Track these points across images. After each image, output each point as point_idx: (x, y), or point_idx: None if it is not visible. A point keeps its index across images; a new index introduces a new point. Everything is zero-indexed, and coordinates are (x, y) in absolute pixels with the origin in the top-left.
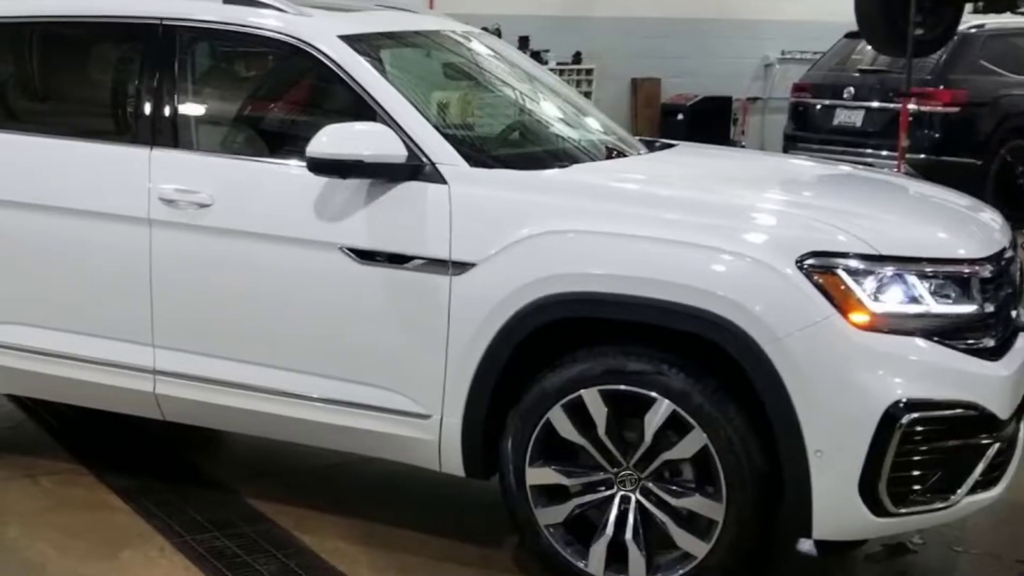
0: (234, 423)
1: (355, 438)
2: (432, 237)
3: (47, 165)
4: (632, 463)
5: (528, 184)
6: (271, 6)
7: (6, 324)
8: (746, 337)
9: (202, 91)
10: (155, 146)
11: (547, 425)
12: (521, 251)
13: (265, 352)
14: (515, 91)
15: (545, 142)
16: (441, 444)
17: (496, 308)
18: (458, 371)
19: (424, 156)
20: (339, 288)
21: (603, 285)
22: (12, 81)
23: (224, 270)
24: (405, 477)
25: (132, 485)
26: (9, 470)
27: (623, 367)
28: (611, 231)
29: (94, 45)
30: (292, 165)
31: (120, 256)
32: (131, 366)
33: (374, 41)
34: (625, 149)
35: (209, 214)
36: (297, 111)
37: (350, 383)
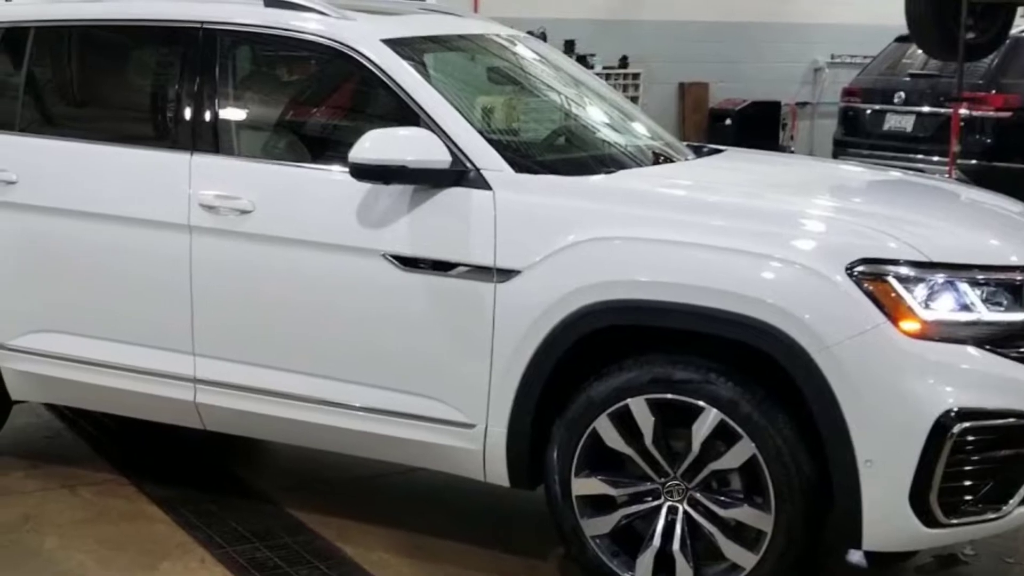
0: (275, 432)
1: (398, 448)
2: (476, 244)
3: (86, 171)
4: (679, 473)
5: (574, 190)
6: (313, 9)
7: (44, 332)
8: (795, 345)
9: (243, 96)
10: (195, 151)
11: (593, 434)
12: (567, 258)
13: (307, 360)
14: (560, 96)
15: (591, 147)
16: (486, 454)
17: (541, 316)
18: (503, 380)
19: (468, 162)
20: (382, 295)
21: (650, 292)
22: (50, 86)
23: (265, 277)
24: (449, 487)
25: (172, 495)
26: (48, 481)
27: (670, 376)
28: (658, 238)
29: (134, 49)
30: (334, 171)
31: (160, 263)
32: (171, 375)
33: (417, 45)
34: (672, 155)
35: (250, 220)
36: (339, 116)
37: (393, 392)
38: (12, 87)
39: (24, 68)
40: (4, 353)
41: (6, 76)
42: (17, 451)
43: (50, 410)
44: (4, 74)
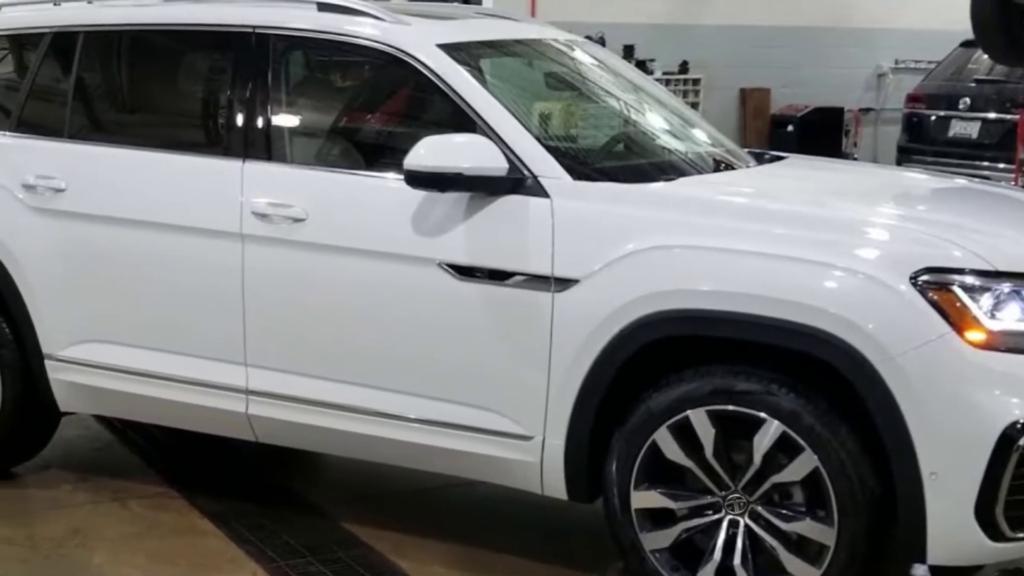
0: (329, 444)
1: (454, 460)
2: (534, 252)
3: (136, 178)
4: (740, 486)
5: (633, 198)
6: (368, 14)
7: (94, 342)
8: (858, 356)
9: (296, 102)
10: (248, 158)
11: (653, 447)
12: (626, 267)
13: (361, 371)
14: (619, 102)
15: (650, 154)
16: (543, 466)
17: (600, 326)
18: (561, 391)
19: (526, 169)
20: (437, 305)
21: (711, 302)
22: (100, 92)
23: (319, 286)
24: (506, 500)
25: (224, 509)
26: (97, 493)
27: (731, 387)
28: (719, 246)
29: (185, 54)
30: (389, 178)
31: (211, 272)
32: (223, 386)
33: (474, 50)
34: (733, 161)
35: (303, 229)
36: (394, 122)
37: (448, 403)
38: (61, 93)
39: (73, 74)
40: (53, 364)
41: (54, 82)
42: (66, 463)
43: (99, 422)
44: (52, 80)
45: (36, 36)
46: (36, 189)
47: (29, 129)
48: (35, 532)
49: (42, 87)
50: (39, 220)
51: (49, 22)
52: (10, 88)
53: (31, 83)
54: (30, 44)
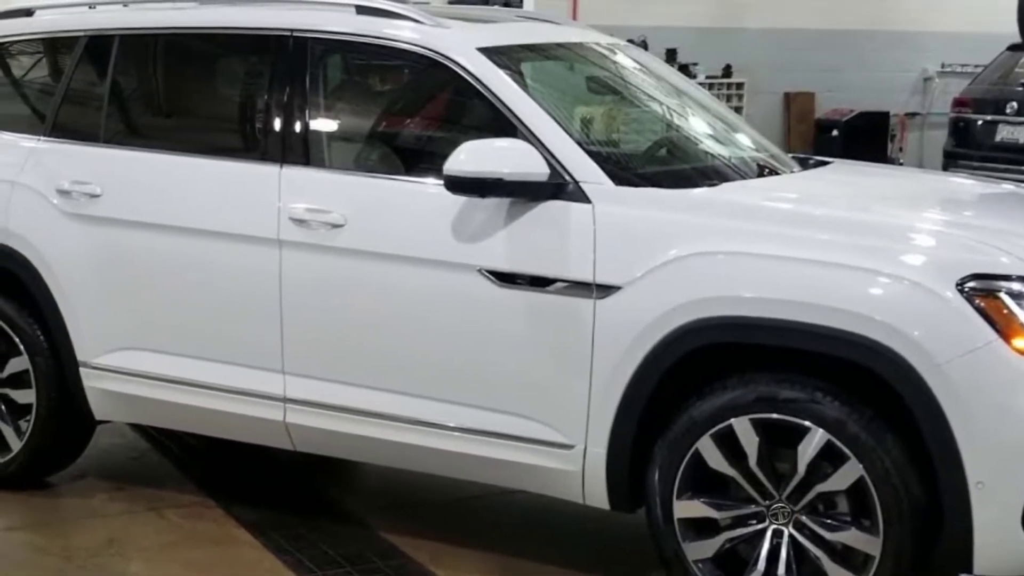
0: (367, 453)
1: (493, 469)
2: (575, 259)
3: (172, 183)
4: (785, 495)
5: (676, 203)
6: (407, 17)
7: (130, 350)
8: (904, 363)
9: (334, 106)
10: (285, 163)
11: (696, 456)
12: (669, 273)
13: (400, 379)
14: (662, 106)
15: (693, 159)
16: (585, 475)
17: (643, 333)
18: (603, 399)
19: (567, 174)
20: (477, 312)
21: (754, 309)
22: (136, 96)
23: (357, 293)
24: (546, 510)
25: (261, 518)
26: (133, 503)
27: (776, 395)
28: (763, 253)
29: (221, 58)
30: (428, 183)
31: (248, 278)
32: (260, 394)
33: (514, 53)
34: (777, 167)
35: (342, 235)
36: (434, 127)
37: (488, 411)
38: (96, 97)
39: (108, 77)
40: (88, 372)
41: (90, 86)
42: (101, 472)
43: (135, 430)
44: (88, 84)
45: (71, 39)
46: (71, 195)
47: (64, 134)
48: (70, 542)
49: (77, 91)
50: (74, 226)
51: (84, 25)
52: (44, 92)
53: (66, 87)
54: (65, 48)
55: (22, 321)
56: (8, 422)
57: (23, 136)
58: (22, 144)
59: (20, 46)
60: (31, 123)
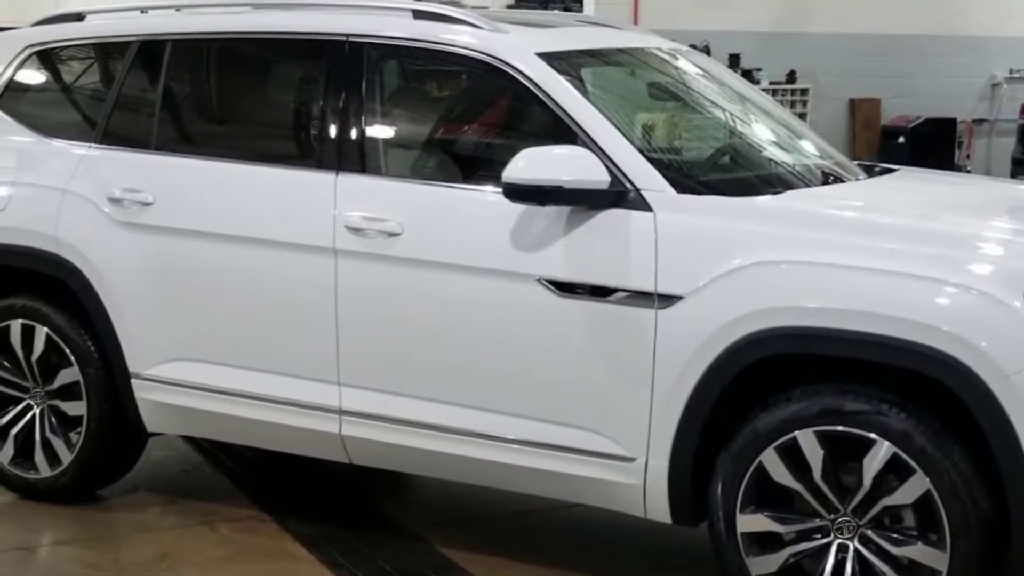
0: (424, 466)
1: (553, 482)
2: (636, 268)
3: (225, 191)
4: (850, 509)
5: (739, 212)
6: (465, 21)
7: (182, 361)
8: (971, 374)
9: (391, 112)
10: (341, 171)
11: (759, 468)
12: (731, 283)
13: (457, 391)
14: (725, 112)
15: (757, 167)
16: (646, 489)
17: (705, 344)
18: (664, 411)
19: (628, 182)
20: (537, 322)
21: (819, 319)
22: (188, 102)
23: (414, 303)
24: (607, 524)
25: (316, 532)
26: (186, 517)
27: (840, 407)
28: (827, 262)
29: (276, 64)
30: (487, 191)
31: (303, 288)
32: (315, 406)
33: (574, 59)
34: (842, 174)
35: (398, 243)
36: (492, 133)
37: (548, 424)
38: (148, 103)
39: (160, 83)
40: (139, 383)
41: (141, 92)
42: (153, 486)
43: (187, 443)
44: (139, 90)
45: (122, 45)
46: (122, 203)
47: (115, 141)
48: (121, 556)
49: (128, 97)
50: (125, 235)
51: (136, 30)
52: (95, 98)
53: (117, 93)
54: (116, 53)
55: (73, 332)
56: (59, 434)
57: (73, 143)
58: (72, 151)
59: (71, 51)
60: (81, 130)
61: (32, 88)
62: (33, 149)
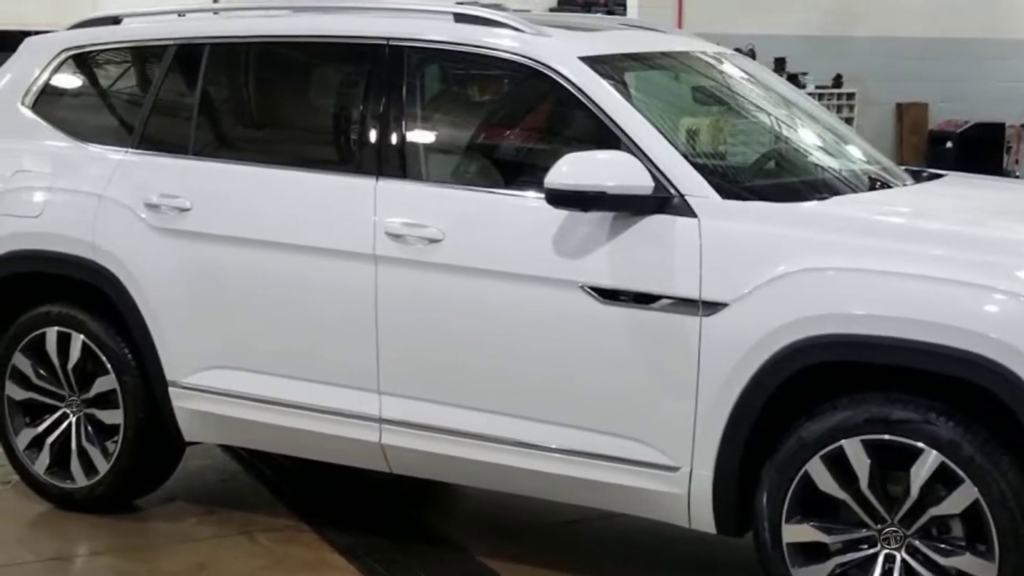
0: (465, 476)
1: (596, 492)
2: (681, 275)
3: (264, 197)
4: (897, 519)
5: (785, 218)
6: (507, 25)
7: (220, 369)
8: (1020, 382)
9: (431, 117)
10: (381, 176)
11: (805, 478)
12: (777, 290)
13: (499, 399)
14: (770, 117)
15: (803, 172)
16: (691, 498)
17: (750, 351)
18: (709, 419)
19: (672, 187)
20: (580, 329)
21: (866, 327)
22: (226, 107)
23: (455, 310)
24: (651, 534)
25: (356, 542)
26: (223, 527)
27: (888, 416)
28: (875, 268)
29: (315, 67)
30: (529, 197)
31: (343, 295)
32: (355, 414)
33: (618, 63)
34: (889, 180)
35: (439, 250)
36: (534, 138)
37: (591, 432)
38: (185, 108)
39: (198, 88)
40: (177, 391)
41: (179, 96)
42: (191, 495)
43: (225, 452)
44: (177, 94)
45: (159, 48)
46: (160, 208)
47: (152, 146)
48: (158, 567)
49: (166, 102)
50: (163, 241)
51: (173, 34)
52: (132, 103)
53: (154, 98)
54: (153, 57)
55: (109, 339)
56: (95, 443)
57: (110, 148)
58: (109, 156)
59: (107, 55)
60: (118, 135)
61: (68, 92)
62: (69, 154)
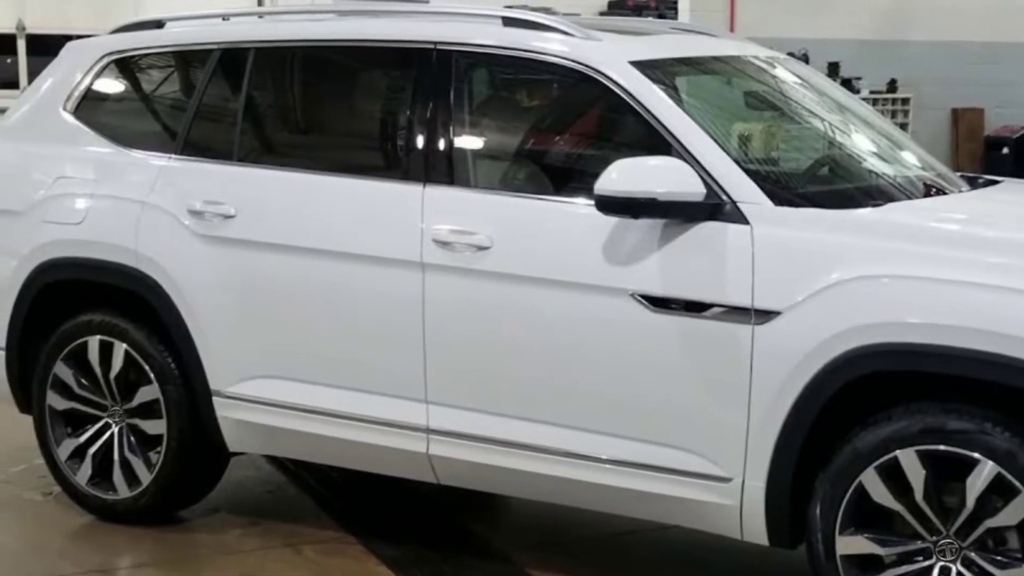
0: (514, 487)
1: (647, 503)
2: (733, 283)
3: (309, 204)
4: (952, 531)
5: (839, 224)
6: (556, 29)
7: (265, 378)
8: None
9: (480, 122)
10: (428, 183)
11: (859, 489)
12: (831, 298)
13: (548, 409)
14: (824, 122)
15: (857, 178)
16: (743, 510)
17: (803, 361)
18: (761, 430)
19: (724, 194)
20: (630, 338)
21: (921, 335)
22: (271, 112)
23: (504, 319)
24: (703, 546)
25: (402, 555)
26: (269, 538)
27: (943, 425)
28: (930, 276)
29: (361, 72)
30: (579, 204)
31: (389, 303)
32: (402, 424)
33: (669, 67)
34: (945, 186)
35: (488, 257)
36: (584, 144)
37: (641, 443)
38: (230, 113)
39: (242, 93)
40: (221, 401)
41: (223, 101)
42: (235, 507)
43: (270, 462)
44: (221, 99)
45: (203, 53)
46: (203, 215)
47: (196, 152)
48: None
49: (210, 107)
50: (207, 248)
51: (217, 38)
52: (176, 108)
53: (198, 103)
54: (197, 61)
55: (152, 348)
56: (138, 454)
57: (152, 154)
58: (152, 162)
59: (150, 59)
60: (161, 140)
61: (110, 97)
62: (111, 160)
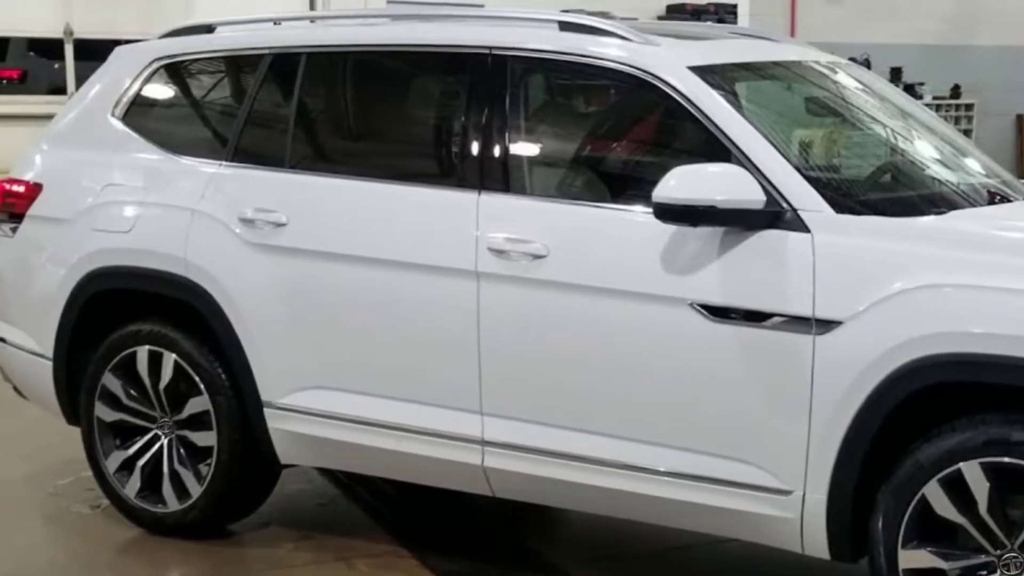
0: (570, 499)
1: (706, 516)
2: (793, 292)
3: (362, 212)
4: (1017, 544)
5: (901, 233)
6: (613, 34)
7: (317, 389)
8: None
9: (536, 129)
10: (483, 190)
11: (922, 502)
12: (893, 308)
13: (606, 420)
14: (886, 129)
15: (919, 186)
16: (803, 523)
17: (865, 371)
18: (823, 442)
19: (785, 201)
20: (689, 348)
21: (985, 346)
22: (324, 118)
23: (560, 329)
24: (763, 560)
25: (457, 569)
26: (321, 552)
27: (1007, 437)
28: (994, 286)
29: (415, 78)
30: (636, 211)
31: (444, 313)
32: (457, 436)
33: (728, 73)
34: (1009, 194)
35: (544, 266)
36: (641, 151)
37: (700, 455)
38: (281, 119)
39: (294, 98)
40: (273, 412)
41: (274, 107)
42: (287, 520)
43: (323, 475)
44: (272, 105)
45: (254, 58)
46: (255, 223)
47: (247, 158)
48: None
49: (261, 113)
50: (258, 257)
51: (269, 43)
52: (226, 114)
53: (249, 109)
54: (248, 66)
55: (202, 359)
56: (188, 466)
57: (203, 161)
58: (202, 169)
59: (200, 64)
60: (211, 147)
61: (159, 103)
62: (161, 167)
